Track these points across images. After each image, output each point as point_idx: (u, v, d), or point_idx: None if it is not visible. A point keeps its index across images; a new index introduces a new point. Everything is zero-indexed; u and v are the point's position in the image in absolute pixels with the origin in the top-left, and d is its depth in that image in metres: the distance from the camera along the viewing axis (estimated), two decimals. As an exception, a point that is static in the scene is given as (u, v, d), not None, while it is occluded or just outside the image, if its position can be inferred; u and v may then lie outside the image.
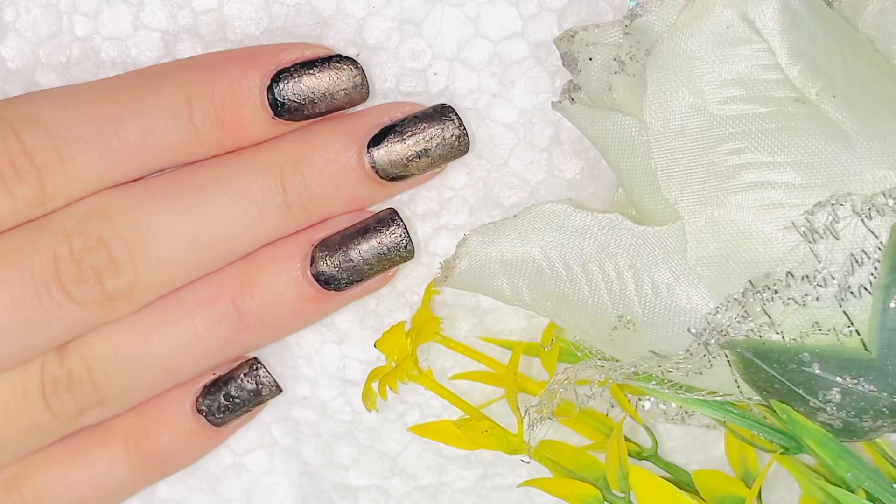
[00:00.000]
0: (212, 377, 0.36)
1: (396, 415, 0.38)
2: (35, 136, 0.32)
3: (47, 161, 0.32)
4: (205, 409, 0.35)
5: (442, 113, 0.34)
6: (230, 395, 0.35)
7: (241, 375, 0.36)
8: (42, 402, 0.34)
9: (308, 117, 0.33)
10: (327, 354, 0.37)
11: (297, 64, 0.33)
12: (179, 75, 0.33)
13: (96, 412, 0.34)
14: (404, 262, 0.35)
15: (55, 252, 0.32)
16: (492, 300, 0.35)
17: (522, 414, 0.33)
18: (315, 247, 0.34)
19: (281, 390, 0.36)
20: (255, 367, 0.36)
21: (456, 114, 0.34)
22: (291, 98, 0.33)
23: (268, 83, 0.33)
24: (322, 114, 0.34)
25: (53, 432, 0.35)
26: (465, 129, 0.34)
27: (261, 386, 0.36)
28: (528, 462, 0.34)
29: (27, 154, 0.32)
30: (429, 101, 0.35)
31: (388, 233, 0.34)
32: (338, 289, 0.34)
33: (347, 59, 0.33)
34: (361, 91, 0.33)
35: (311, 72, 0.33)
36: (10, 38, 0.35)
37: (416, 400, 0.37)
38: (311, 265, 0.34)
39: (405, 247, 0.34)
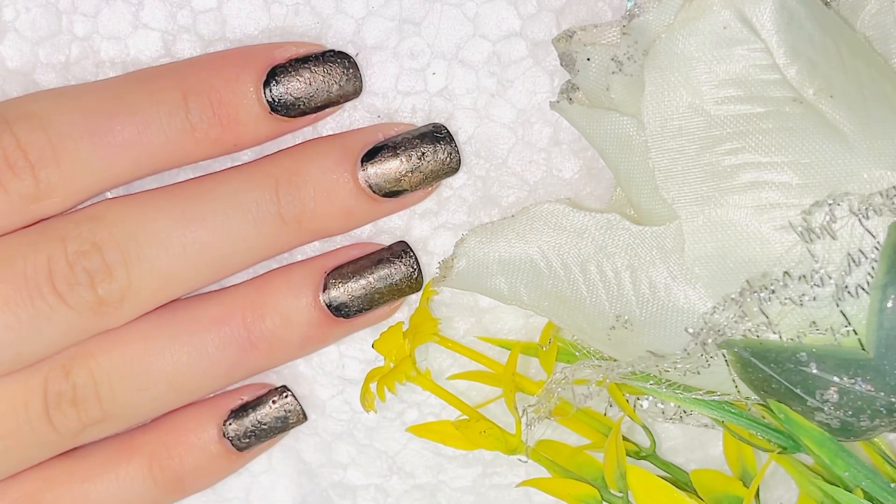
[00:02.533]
0: (239, 402, 0.36)
1: (395, 413, 0.38)
2: (30, 131, 0.32)
3: (42, 156, 0.32)
4: (231, 433, 0.35)
5: (435, 131, 0.34)
6: (258, 420, 0.36)
7: (270, 402, 0.36)
8: (44, 417, 0.33)
9: (304, 112, 0.34)
10: (326, 353, 0.37)
11: (292, 60, 0.33)
12: (176, 74, 0.33)
13: (98, 429, 0.34)
14: (413, 293, 0.35)
15: (49, 254, 0.32)
16: (490, 300, 0.36)
17: (520, 413, 0.34)
18: (328, 274, 0.35)
19: (307, 418, 0.36)
20: (283, 394, 0.36)
21: (448, 132, 0.35)
22: (288, 93, 0.33)
23: (264, 79, 0.33)
24: (318, 108, 0.34)
25: (52, 448, 0.34)
26: (456, 146, 0.35)
27: (288, 413, 0.36)
28: (527, 461, 0.34)
29: (21, 149, 0.32)
30: (427, 101, 0.35)
31: (400, 264, 0.35)
32: (347, 316, 0.35)
33: (340, 53, 0.34)
34: (355, 84, 0.34)
35: (306, 67, 0.33)
36: (10, 38, 0.35)
37: (415, 399, 0.37)
38: (324, 292, 0.34)
39: (416, 279, 0.35)
